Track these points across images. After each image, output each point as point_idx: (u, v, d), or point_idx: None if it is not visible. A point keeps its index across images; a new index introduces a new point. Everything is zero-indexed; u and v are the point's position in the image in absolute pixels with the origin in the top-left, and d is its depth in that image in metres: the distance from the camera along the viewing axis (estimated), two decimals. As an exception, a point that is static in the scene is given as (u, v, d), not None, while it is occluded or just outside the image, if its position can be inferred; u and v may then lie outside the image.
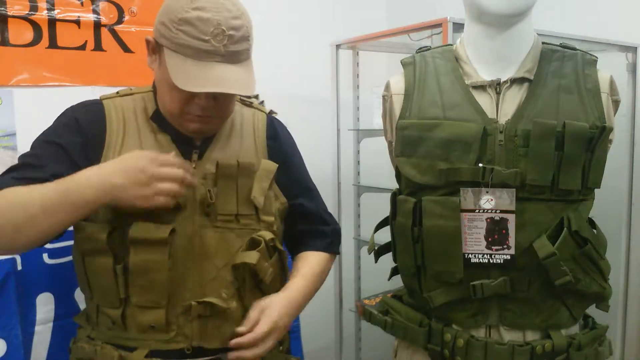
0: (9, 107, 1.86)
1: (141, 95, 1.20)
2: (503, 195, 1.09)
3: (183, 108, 1.10)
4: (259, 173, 1.18)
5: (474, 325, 1.14)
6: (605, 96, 1.14)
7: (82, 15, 1.96)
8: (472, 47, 1.18)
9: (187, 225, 1.12)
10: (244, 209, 1.16)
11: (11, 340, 1.42)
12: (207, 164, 1.16)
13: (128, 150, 1.11)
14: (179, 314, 1.12)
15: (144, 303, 1.10)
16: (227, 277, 1.15)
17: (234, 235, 1.16)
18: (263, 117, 1.30)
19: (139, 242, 1.07)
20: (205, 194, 1.13)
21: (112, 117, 1.15)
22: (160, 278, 1.09)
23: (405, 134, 1.16)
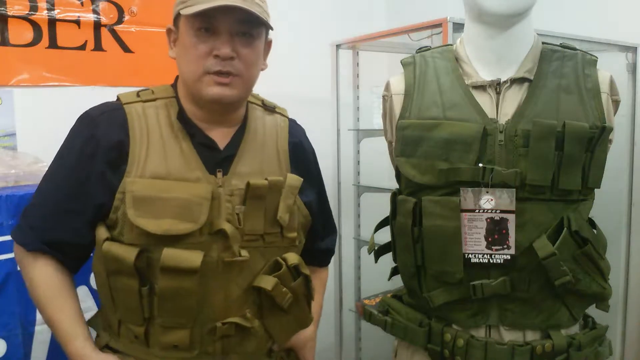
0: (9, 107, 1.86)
1: (164, 101, 1.16)
2: (503, 195, 1.09)
3: (202, 65, 1.07)
4: (284, 190, 1.16)
5: (474, 325, 1.14)
6: (605, 96, 1.14)
7: (82, 15, 1.96)
8: (472, 47, 1.18)
9: (214, 248, 1.09)
10: (270, 227, 1.14)
11: (11, 340, 1.42)
12: (234, 180, 1.12)
13: (152, 164, 1.08)
14: (204, 334, 1.11)
15: (169, 324, 1.10)
16: (250, 296, 1.14)
17: (258, 254, 1.14)
18: (285, 123, 1.27)
19: (170, 270, 1.05)
20: (233, 216, 1.10)
21: (136, 127, 1.11)
22: (188, 303, 1.08)
23: (405, 134, 1.16)
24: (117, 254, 1.06)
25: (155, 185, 1.07)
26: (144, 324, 1.10)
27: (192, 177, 1.09)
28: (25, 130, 1.88)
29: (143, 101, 1.15)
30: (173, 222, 1.05)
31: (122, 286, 1.09)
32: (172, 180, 1.08)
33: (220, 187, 1.11)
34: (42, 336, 1.48)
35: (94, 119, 1.12)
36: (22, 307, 1.44)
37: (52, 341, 1.50)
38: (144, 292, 1.07)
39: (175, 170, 1.09)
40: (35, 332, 1.47)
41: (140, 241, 1.06)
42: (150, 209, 1.05)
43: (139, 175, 1.07)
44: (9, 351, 1.42)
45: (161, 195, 1.06)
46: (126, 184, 1.07)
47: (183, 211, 1.06)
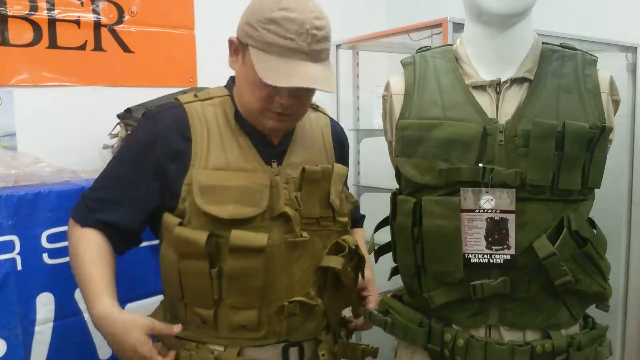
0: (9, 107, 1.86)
1: (219, 99, 1.23)
2: (503, 195, 1.09)
3: (264, 105, 1.14)
4: (333, 177, 1.25)
5: (474, 325, 1.14)
6: (605, 96, 1.14)
7: (82, 15, 1.96)
8: (472, 47, 1.18)
9: (277, 230, 1.17)
10: (324, 211, 1.23)
11: (11, 340, 1.42)
12: (288, 169, 1.22)
13: (213, 157, 1.17)
14: (271, 313, 1.18)
15: (238, 304, 1.16)
16: (311, 277, 1.22)
17: (316, 238, 1.22)
18: (327, 120, 1.37)
19: (237, 250, 1.12)
20: (293, 200, 1.19)
21: (196, 124, 1.19)
22: (256, 283, 1.15)
23: (405, 134, 1.16)
24: (188, 237, 1.13)
25: (217, 175, 1.15)
26: (214, 306, 1.16)
27: (250, 167, 1.18)
28: (25, 130, 1.88)
29: (201, 100, 1.23)
30: (237, 207, 1.13)
31: (193, 269, 1.15)
32: (232, 170, 1.17)
33: (277, 176, 1.19)
34: (42, 336, 1.48)
35: (157, 115, 1.21)
36: (22, 307, 1.44)
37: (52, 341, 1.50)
38: (213, 273, 1.14)
39: (234, 162, 1.17)
40: (35, 332, 1.47)
41: (209, 226, 1.13)
42: (215, 196, 1.14)
43: (202, 167, 1.15)
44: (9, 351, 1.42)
45: (224, 184, 1.14)
46: (192, 175, 1.15)
47: (245, 197, 1.15)
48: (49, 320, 1.49)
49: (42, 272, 1.46)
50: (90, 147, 1.91)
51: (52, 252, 1.46)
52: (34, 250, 1.44)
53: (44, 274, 1.47)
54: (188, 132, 1.18)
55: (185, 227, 1.15)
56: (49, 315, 1.48)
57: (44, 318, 1.48)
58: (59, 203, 1.47)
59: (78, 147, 1.92)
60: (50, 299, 1.48)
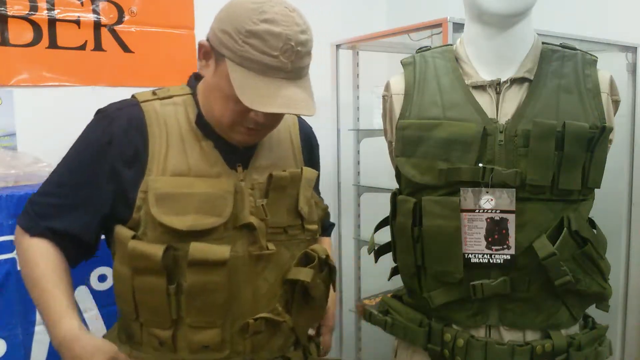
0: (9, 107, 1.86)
1: (181, 99, 1.14)
2: (503, 195, 1.09)
3: (237, 120, 1.06)
4: (302, 182, 1.17)
5: (474, 325, 1.14)
6: (605, 96, 1.14)
7: (82, 15, 1.96)
8: (472, 47, 1.18)
9: (241, 241, 1.09)
10: (292, 220, 1.15)
11: (11, 340, 1.42)
12: (254, 174, 1.13)
13: (173, 161, 1.07)
14: (235, 332, 1.10)
15: (198, 324, 1.08)
16: (278, 291, 1.14)
17: (283, 248, 1.14)
18: (294, 119, 1.28)
19: (198, 264, 1.04)
20: (259, 208, 1.10)
21: (154, 125, 1.09)
22: (218, 299, 1.06)
23: (405, 134, 1.16)
24: (143, 251, 1.04)
25: (177, 182, 1.06)
26: (172, 326, 1.08)
27: (213, 172, 1.09)
28: (25, 130, 1.88)
29: (160, 99, 1.13)
30: (197, 217, 1.04)
31: (148, 286, 1.06)
32: (194, 176, 1.07)
33: (241, 181, 1.11)
34: (42, 336, 1.48)
35: (110, 115, 1.11)
36: (22, 307, 1.44)
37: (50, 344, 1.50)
38: (171, 290, 1.05)
39: (196, 167, 1.08)
40: (35, 332, 1.47)
41: (166, 239, 1.04)
42: (173, 205, 1.05)
43: (160, 173, 1.06)
44: (9, 351, 1.42)
45: (184, 191, 1.05)
46: (148, 182, 1.06)
47: (207, 206, 1.06)
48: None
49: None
50: (90, 147, 1.90)
51: (52, 252, 1.46)
52: (34, 250, 1.44)
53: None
54: (145, 134, 1.08)
55: (139, 240, 1.05)
56: (49, 315, 1.48)
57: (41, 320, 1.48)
58: (59, 203, 1.47)
59: (78, 147, 1.92)
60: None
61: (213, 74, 1.06)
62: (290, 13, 1.01)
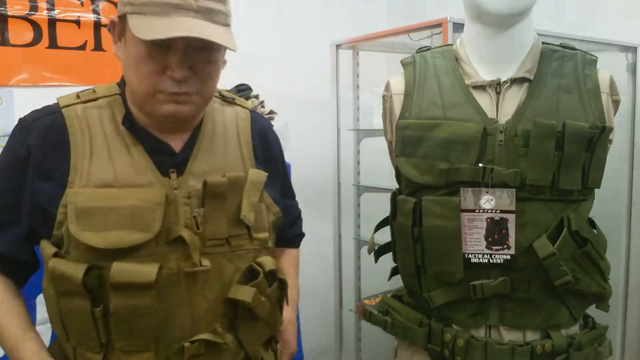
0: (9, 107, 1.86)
1: (107, 100, 1.04)
2: (503, 195, 1.09)
3: (153, 83, 0.95)
4: (247, 187, 1.05)
5: (474, 325, 1.14)
6: (605, 96, 1.14)
7: (82, 15, 1.96)
8: (472, 47, 1.18)
9: (173, 258, 0.98)
10: (235, 229, 1.03)
11: (11, 340, 1.41)
12: (190, 180, 1.01)
13: (97, 171, 0.98)
14: (170, 356, 1.00)
15: (129, 348, 0.98)
16: (220, 309, 1.03)
17: (226, 261, 1.03)
18: (247, 114, 1.15)
19: (120, 287, 0.94)
20: (191, 220, 0.99)
21: (76, 132, 1.00)
22: (147, 322, 0.96)
23: (405, 134, 1.16)
24: (63, 271, 0.95)
25: (100, 194, 0.96)
26: (102, 350, 0.99)
27: (143, 181, 0.99)
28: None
29: (83, 102, 1.03)
30: (123, 234, 0.94)
31: (73, 308, 0.97)
32: (120, 187, 0.97)
33: (175, 190, 1.00)
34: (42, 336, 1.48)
35: (30, 124, 1.02)
36: (22, 307, 1.44)
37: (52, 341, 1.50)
38: (97, 313, 0.96)
39: (124, 176, 0.98)
40: (35, 332, 1.47)
41: (88, 257, 0.95)
42: (95, 221, 0.95)
43: (83, 185, 0.97)
44: (8, 351, 1.41)
45: (108, 205, 0.95)
46: (68, 196, 0.96)
47: (134, 220, 0.95)
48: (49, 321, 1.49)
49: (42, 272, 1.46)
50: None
51: (52, 252, 1.46)
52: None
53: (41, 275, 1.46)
54: (67, 143, 0.98)
55: (61, 258, 0.96)
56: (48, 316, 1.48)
57: (44, 318, 1.47)
58: (58, 203, 1.47)
59: (78, 147, 1.92)
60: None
61: (124, 48, 0.98)
62: None
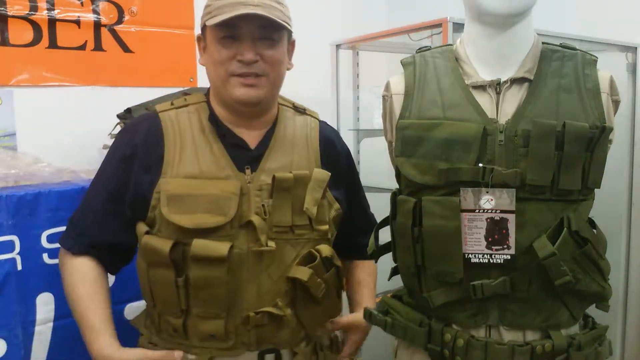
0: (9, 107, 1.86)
1: (195, 107, 1.24)
2: (503, 195, 1.09)
3: (226, 70, 1.14)
4: (311, 184, 1.22)
5: (474, 325, 1.14)
6: (605, 96, 1.14)
7: (82, 15, 1.96)
8: (472, 47, 1.18)
9: (244, 239, 1.16)
10: (299, 219, 1.20)
11: (11, 340, 1.42)
12: (262, 176, 1.20)
13: (185, 165, 1.17)
14: (238, 324, 1.17)
15: (204, 314, 1.16)
16: (282, 287, 1.20)
17: (289, 246, 1.20)
18: (316, 124, 1.34)
19: (199, 259, 1.12)
20: (261, 209, 1.17)
21: (170, 132, 1.20)
22: (220, 292, 1.14)
23: (405, 134, 1.16)
24: (154, 245, 1.14)
25: (188, 184, 1.15)
26: (182, 315, 1.17)
27: (223, 175, 1.18)
28: (25, 130, 1.88)
29: (176, 108, 1.24)
30: (204, 217, 1.13)
31: (160, 278, 1.16)
32: (204, 179, 1.16)
33: (249, 183, 1.18)
34: (42, 336, 1.48)
35: (134, 127, 1.24)
36: (22, 307, 1.44)
37: (52, 341, 1.50)
38: (179, 282, 1.14)
39: (207, 170, 1.17)
40: (35, 332, 1.47)
41: (176, 235, 1.14)
42: (183, 205, 1.14)
43: (173, 176, 1.16)
44: (9, 351, 1.42)
45: (193, 193, 1.14)
46: (161, 184, 1.16)
47: (214, 206, 1.14)
48: (49, 320, 1.49)
49: (42, 272, 1.47)
50: (90, 147, 1.91)
51: (52, 252, 1.47)
52: (34, 250, 1.45)
53: (44, 274, 1.47)
54: (162, 142, 1.19)
55: (153, 235, 1.16)
56: (49, 315, 1.49)
57: (44, 318, 1.48)
58: (59, 203, 1.47)
59: (78, 147, 1.92)
60: (50, 299, 1.48)
61: (205, 53, 1.19)
62: None
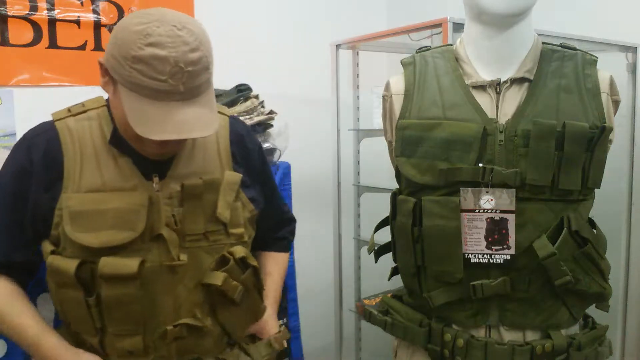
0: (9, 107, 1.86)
1: (96, 112, 1.14)
2: (503, 195, 1.09)
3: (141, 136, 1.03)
4: (223, 186, 1.16)
5: (474, 325, 1.15)
6: (605, 96, 1.14)
7: (82, 15, 1.96)
8: (472, 47, 1.18)
9: (156, 252, 1.10)
10: (212, 225, 1.15)
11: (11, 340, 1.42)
12: (172, 183, 1.13)
13: (87, 178, 1.08)
14: (156, 338, 1.13)
15: (120, 332, 1.11)
16: (200, 296, 1.15)
17: (204, 253, 1.15)
18: (225, 121, 1.24)
19: (109, 278, 1.07)
20: (171, 219, 1.11)
21: (68, 144, 1.10)
22: (134, 309, 1.09)
23: (405, 134, 1.16)
24: (58, 266, 1.08)
25: (91, 198, 1.08)
26: (97, 333, 1.12)
27: (128, 185, 1.10)
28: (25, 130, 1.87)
29: (74, 115, 1.14)
30: (111, 233, 1.06)
31: (69, 298, 1.10)
32: (109, 191, 1.09)
33: (158, 192, 1.11)
34: (42, 336, 1.48)
35: (30, 141, 1.13)
36: (22, 307, 1.44)
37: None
38: (91, 302, 1.09)
39: (111, 181, 1.09)
40: (35, 332, 1.47)
41: (82, 254, 1.07)
42: (87, 222, 1.07)
43: (75, 191, 1.08)
44: (9, 351, 1.42)
45: (98, 208, 1.07)
46: (62, 200, 1.08)
47: (120, 221, 1.07)
48: (49, 321, 1.48)
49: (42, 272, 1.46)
50: (90, 147, 1.90)
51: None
52: (34, 250, 1.44)
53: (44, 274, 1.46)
54: (61, 156, 1.09)
55: (57, 255, 1.09)
56: (49, 315, 1.48)
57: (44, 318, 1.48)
58: (59, 203, 1.47)
59: (78, 147, 1.92)
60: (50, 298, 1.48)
61: (113, 94, 1.05)
62: (178, 32, 0.96)
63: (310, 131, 2.34)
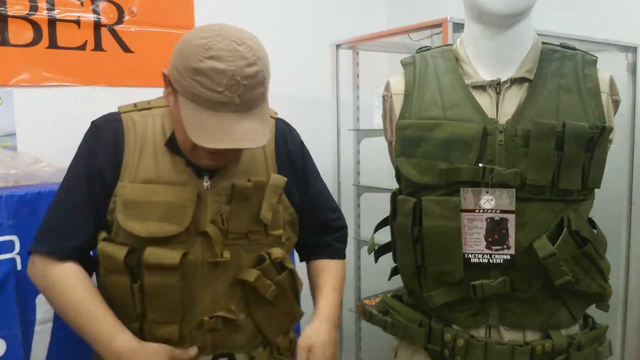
0: (9, 107, 1.86)
1: (160, 111, 1.20)
2: (503, 195, 1.09)
3: (197, 147, 1.09)
4: (268, 190, 1.20)
5: (474, 325, 1.14)
6: (605, 96, 1.14)
7: (82, 15, 1.96)
8: (472, 47, 1.18)
9: (199, 247, 1.15)
10: (254, 225, 1.19)
11: (11, 340, 1.42)
12: (220, 181, 1.17)
13: (144, 169, 1.14)
14: (193, 328, 1.17)
15: (159, 319, 1.15)
16: (236, 292, 1.20)
17: (244, 252, 1.19)
18: (272, 122, 1.28)
19: (152, 267, 1.11)
20: (218, 217, 1.16)
21: (130, 136, 1.16)
22: (173, 298, 1.14)
23: (405, 134, 1.16)
24: (109, 252, 1.13)
25: (144, 189, 1.13)
26: (138, 319, 1.16)
27: (180, 180, 1.15)
28: (25, 130, 1.88)
29: (139, 110, 1.20)
30: (159, 225, 1.12)
31: (116, 283, 1.15)
32: (161, 184, 1.14)
33: (207, 189, 1.16)
34: (42, 336, 1.48)
35: (97, 128, 1.19)
36: (21, 307, 1.44)
37: (51, 341, 1.50)
38: (135, 288, 1.13)
39: (165, 175, 1.15)
40: (35, 332, 1.47)
41: (131, 242, 1.12)
42: (138, 212, 1.12)
43: (130, 180, 1.14)
44: (9, 351, 1.42)
45: (149, 199, 1.12)
46: (118, 188, 1.14)
47: (169, 214, 1.12)
48: (49, 320, 1.49)
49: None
50: (90, 147, 1.90)
51: (52, 252, 1.46)
52: (33, 250, 1.44)
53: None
54: (122, 144, 1.16)
55: (109, 242, 1.14)
56: (49, 316, 1.49)
57: (44, 318, 1.48)
58: (59, 203, 1.47)
59: (78, 147, 1.92)
60: (50, 299, 1.48)
61: (174, 104, 1.09)
62: (237, 47, 1.00)
63: (310, 131, 2.33)
